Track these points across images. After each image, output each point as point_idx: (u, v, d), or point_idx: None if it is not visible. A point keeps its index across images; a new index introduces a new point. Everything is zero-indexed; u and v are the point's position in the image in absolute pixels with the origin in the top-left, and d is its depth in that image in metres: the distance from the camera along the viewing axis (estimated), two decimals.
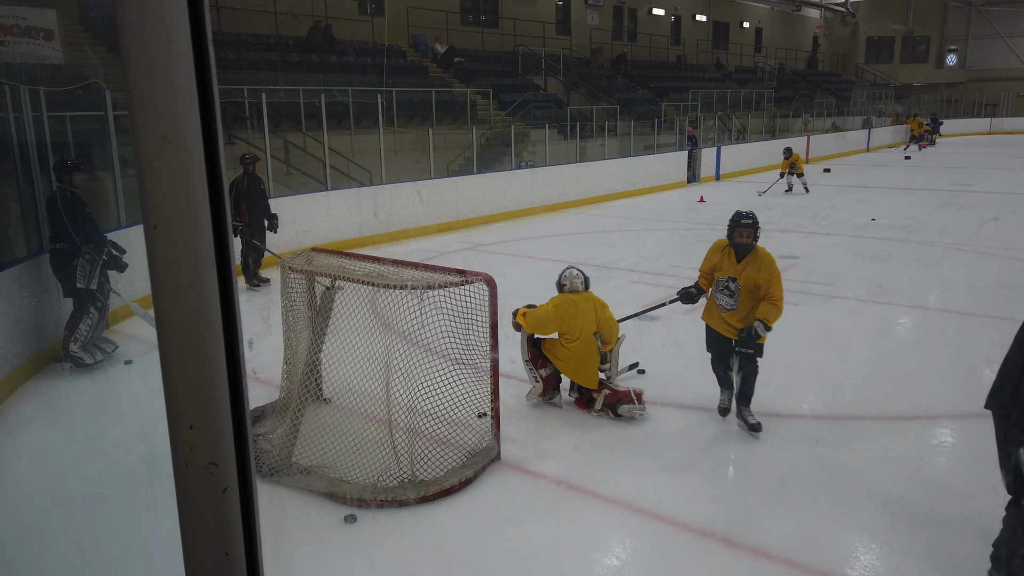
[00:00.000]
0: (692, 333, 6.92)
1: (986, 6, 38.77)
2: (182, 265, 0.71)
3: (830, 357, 6.26)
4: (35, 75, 8.71)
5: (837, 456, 4.48)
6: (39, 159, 6.60)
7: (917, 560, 3.49)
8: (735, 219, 4.70)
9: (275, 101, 12.03)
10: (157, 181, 0.69)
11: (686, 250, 10.77)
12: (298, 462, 4.31)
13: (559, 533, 3.79)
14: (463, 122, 15.63)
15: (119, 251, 6.23)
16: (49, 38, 10.28)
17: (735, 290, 4.65)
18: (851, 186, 18.47)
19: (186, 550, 0.77)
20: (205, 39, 0.69)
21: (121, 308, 7.08)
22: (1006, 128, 36.89)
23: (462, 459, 4.36)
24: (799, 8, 36.05)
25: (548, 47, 21.97)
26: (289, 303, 4.77)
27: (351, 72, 15.31)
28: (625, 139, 18.05)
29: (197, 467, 0.74)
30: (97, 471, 4.50)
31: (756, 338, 4.55)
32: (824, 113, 27.83)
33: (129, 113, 0.68)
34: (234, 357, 0.75)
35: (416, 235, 12.23)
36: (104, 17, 12.24)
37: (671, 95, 23.49)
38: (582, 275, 5.25)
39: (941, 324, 7.32)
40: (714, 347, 4.89)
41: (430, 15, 19.28)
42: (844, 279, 8.82)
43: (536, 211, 14.62)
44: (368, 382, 4.35)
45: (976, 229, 12.07)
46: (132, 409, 5.73)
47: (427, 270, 4.47)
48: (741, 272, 4.64)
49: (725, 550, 3.58)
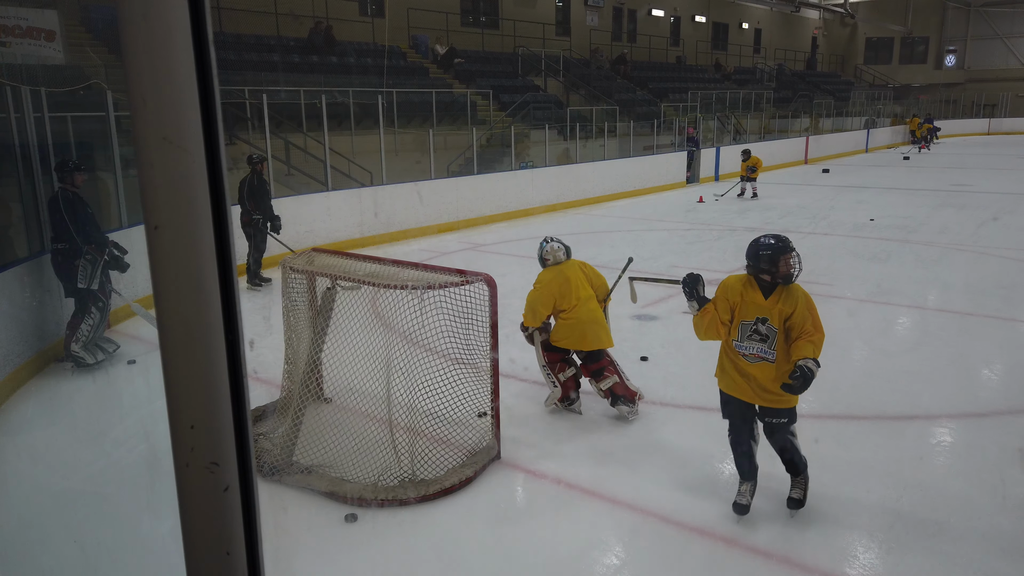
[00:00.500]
0: (691, 333, 6.93)
1: (985, 7, 38.77)
2: (183, 265, 0.71)
3: (829, 357, 6.19)
4: (36, 76, 8.71)
5: (837, 456, 4.49)
6: (40, 160, 6.61)
7: (917, 560, 3.49)
8: (775, 247, 3.61)
9: (276, 102, 12.03)
10: (158, 181, 0.69)
11: (686, 250, 10.78)
12: (299, 461, 4.31)
13: (559, 533, 3.79)
14: (463, 123, 15.63)
15: (120, 251, 6.23)
16: (50, 39, 10.28)
17: (768, 333, 3.63)
18: (850, 186, 18.47)
19: (187, 549, 0.77)
20: (206, 40, 0.69)
21: (122, 308, 7.09)
22: (1005, 128, 36.89)
23: (462, 458, 4.36)
24: (798, 9, 36.05)
25: (548, 48, 21.97)
26: (290, 303, 4.78)
27: (352, 73, 15.31)
28: (625, 140, 18.06)
29: (198, 466, 0.75)
30: (98, 471, 4.50)
31: (811, 379, 3.50)
32: (823, 114, 27.82)
33: (130, 113, 0.69)
34: (235, 357, 0.75)
35: (416, 235, 12.23)
36: (105, 18, 12.25)
37: (670, 96, 23.49)
38: (563, 245, 5.15)
39: (940, 324, 7.32)
40: (737, 418, 3.84)
41: (430, 16, 19.28)
42: (843, 279, 8.82)
43: (536, 211, 14.62)
44: (369, 382, 4.35)
45: (975, 229, 12.07)
46: (133, 409, 5.73)
47: (427, 270, 4.47)
48: (772, 309, 3.64)
49: (725, 550, 3.58)
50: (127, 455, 4.66)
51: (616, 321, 7.33)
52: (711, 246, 11.17)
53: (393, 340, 4.26)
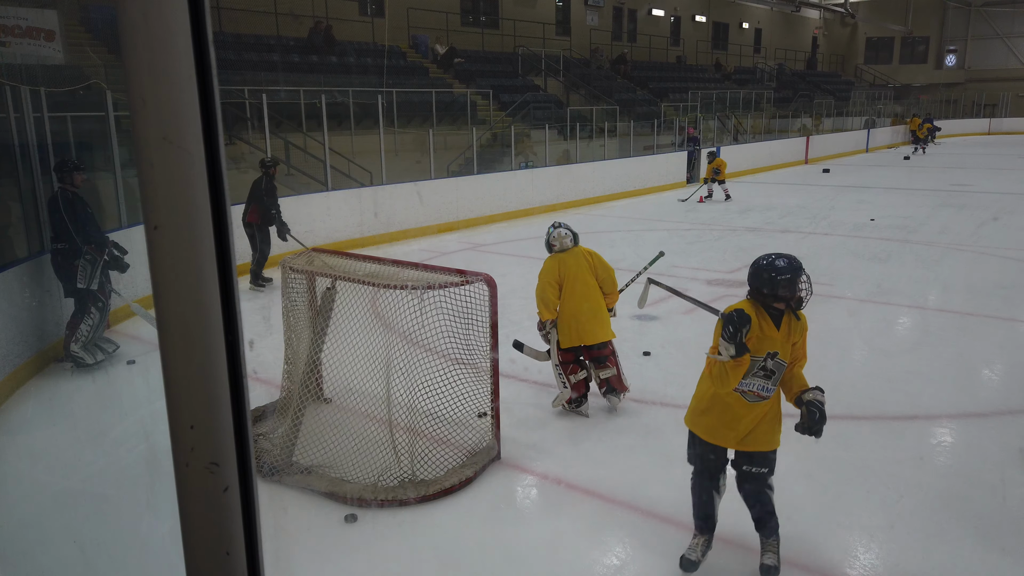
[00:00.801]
0: (692, 333, 6.94)
1: (985, 7, 38.77)
2: (183, 265, 0.71)
3: (829, 357, 6.25)
4: (36, 76, 8.72)
5: (836, 456, 4.49)
6: (40, 160, 6.61)
7: (917, 560, 3.49)
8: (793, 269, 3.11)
9: (276, 102, 12.04)
10: (158, 181, 0.69)
11: (686, 250, 10.78)
12: (299, 462, 4.31)
13: (559, 533, 3.79)
14: (463, 123, 15.64)
15: (120, 251, 6.23)
16: (50, 39, 10.28)
17: (775, 368, 3.17)
18: (850, 186, 18.47)
19: (186, 550, 0.77)
20: (206, 40, 0.69)
21: (122, 308, 7.09)
22: (1005, 128, 36.89)
23: (462, 459, 4.37)
24: (798, 9, 36.04)
25: (548, 48, 21.97)
26: (290, 303, 4.78)
27: (351, 73, 15.31)
28: (625, 140, 18.06)
29: (198, 467, 0.75)
30: (98, 471, 4.51)
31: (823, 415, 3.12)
32: (824, 113, 27.83)
33: (130, 113, 0.68)
34: (235, 357, 0.75)
35: (416, 235, 12.23)
36: (105, 18, 12.25)
37: (671, 96, 23.49)
38: (570, 232, 5.02)
39: (940, 324, 7.32)
40: (708, 464, 3.36)
41: (430, 16, 19.28)
42: (843, 279, 8.82)
43: (536, 211, 14.62)
44: (368, 382, 4.35)
45: (975, 229, 12.08)
46: (133, 409, 5.73)
47: (427, 270, 4.47)
48: (785, 342, 3.17)
49: (724, 549, 3.58)
50: (127, 455, 4.66)
51: (616, 321, 7.34)
52: (711, 246, 11.17)
53: (393, 340, 4.26)
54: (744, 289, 3.32)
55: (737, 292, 8.01)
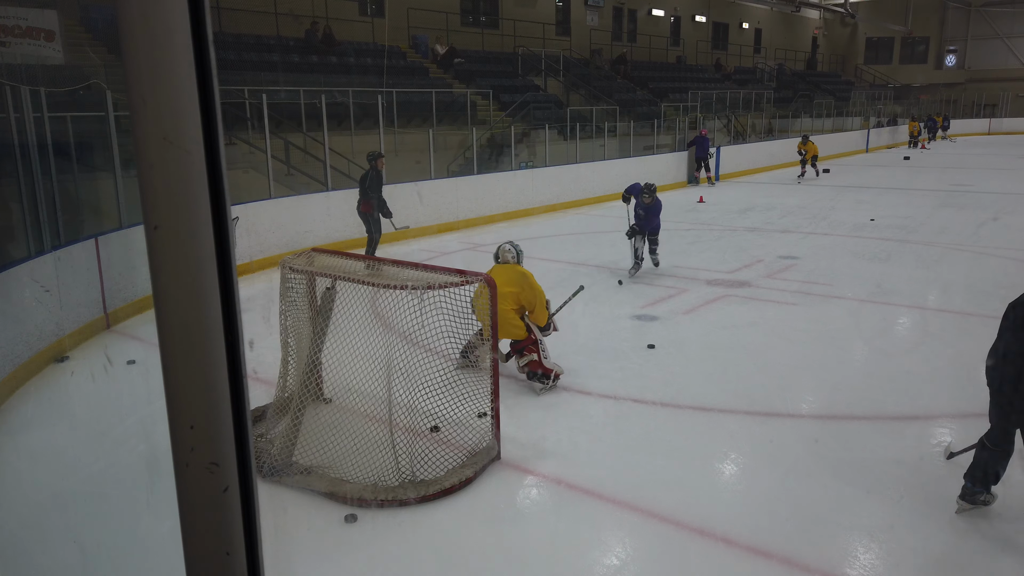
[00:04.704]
0: (692, 333, 6.94)
1: (985, 7, 38.78)
2: (183, 265, 0.71)
3: (829, 357, 6.26)
4: (36, 76, 8.72)
5: (837, 456, 4.49)
6: (40, 160, 6.61)
7: (917, 560, 3.49)
8: None
9: (276, 102, 12.03)
10: (158, 181, 0.69)
11: (686, 250, 10.77)
12: (299, 462, 4.31)
13: (559, 533, 3.79)
14: (463, 123, 15.64)
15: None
16: (50, 39, 10.29)
17: None
18: (850, 186, 18.47)
19: (186, 550, 0.77)
20: (206, 40, 0.69)
21: (122, 308, 7.09)
22: (1005, 128, 36.87)
23: (462, 459, 4.36)
24: (798, 9, 36.05)
25: (548, 48, 21.97)
26: (288, 303, 4.77)
27: (351, 73, 15.31)
28: (625, 140, 18.05)
29: (198, 467, 0.75)
30: (98, 471, 4.51)
31: None
32: (823, 114, 27.83)
33: (130, 113, 0.68)
34: (235, 357, 0.75)
35: (416, 235, 12.23)
36: (105, 18, 12.25)
37: (671, 96, 23.49)
38: (514, 249, 5.74)
39: (940, 324, 7.32)
40: None
41: (430, 16, 19.28)
42: (843, 279, 8.82)
43: (536, 211, 14.62)
44: (368, 382, 4.35)
45: (975, 229, 12.07)
46: (133, 409, 5.73)
47: (427, 270, 4.47)
48: None
49: (724, 549, 3.58)
50: (127, 455, 4.67)
51: (616, 321, 7.36)
52: (711, 246, 11.17)
53: (393, 340, 4.25)
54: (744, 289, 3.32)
55: (737, 292, 8.08)
